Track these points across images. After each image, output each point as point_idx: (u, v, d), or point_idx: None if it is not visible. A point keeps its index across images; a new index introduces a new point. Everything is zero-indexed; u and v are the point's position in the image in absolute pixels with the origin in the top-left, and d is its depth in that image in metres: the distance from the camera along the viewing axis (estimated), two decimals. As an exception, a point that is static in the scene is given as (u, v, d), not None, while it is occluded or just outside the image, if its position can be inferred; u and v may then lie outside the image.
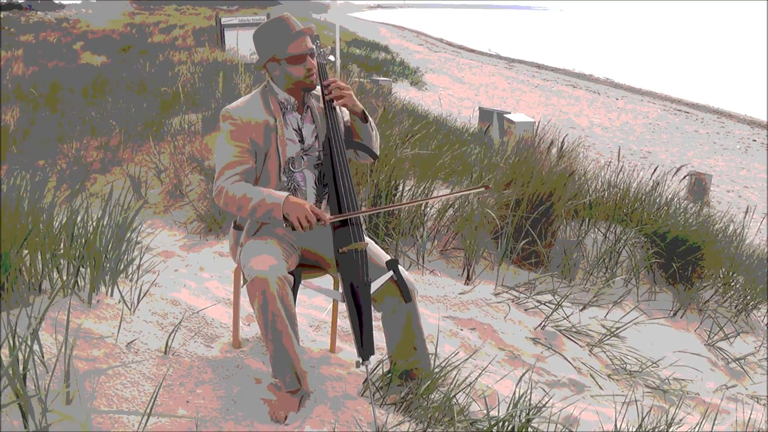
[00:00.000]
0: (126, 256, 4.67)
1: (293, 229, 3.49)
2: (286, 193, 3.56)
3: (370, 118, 3.99)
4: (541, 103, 33.04)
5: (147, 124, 10.63)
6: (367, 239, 3.83)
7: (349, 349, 4.40)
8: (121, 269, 4.55)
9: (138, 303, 4.29)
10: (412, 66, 40.51)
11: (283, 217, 3.53)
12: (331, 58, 4.03)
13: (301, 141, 3.87)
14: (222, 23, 26.01)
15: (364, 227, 3.85)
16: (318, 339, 4.54)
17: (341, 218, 3.65)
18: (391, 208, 3.72)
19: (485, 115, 19.67)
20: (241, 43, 24.23)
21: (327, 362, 4.16)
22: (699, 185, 16.63)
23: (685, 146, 25.36)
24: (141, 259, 4.89)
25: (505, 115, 18.38)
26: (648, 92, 41.41)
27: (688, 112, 34.49)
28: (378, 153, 4.07)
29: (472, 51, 64.17)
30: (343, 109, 4.04)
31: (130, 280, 4.67)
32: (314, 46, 3.88)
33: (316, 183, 3.90)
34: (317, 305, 5.16)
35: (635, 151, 23.17)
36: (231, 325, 4.38)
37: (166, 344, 3.89)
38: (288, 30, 3.77)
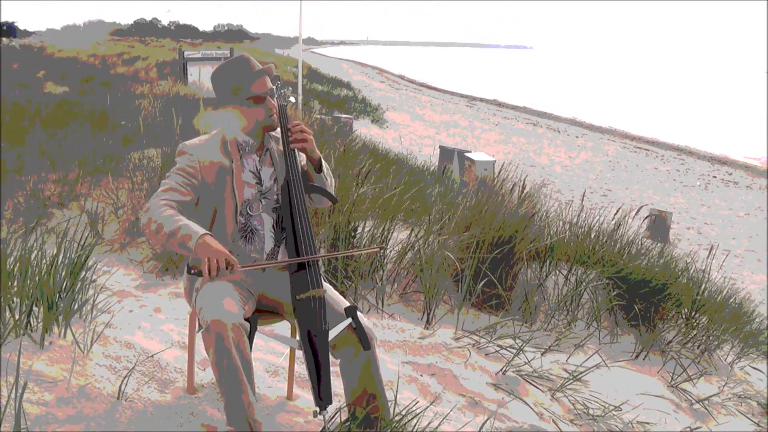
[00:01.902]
0: (80, 296, 4.57)
1: (198, 274, 3.35)
2: (205, 231, 3.42)
3: (325, 166, 3.93)
4: (501, 141, 33.33)
5: (105, 158, 10.49)
6: (325, 285, 3.76)
7: (306, 396, 4.31)
8: (75, 309, 4.45)
9: (91, 345, 4.19)
10: (374, 103, 40.71)
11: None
12: (292, 99, 3.97)
13: (259, 183, 3.81)
14: (185, 57, 26.02)
15: (322, 271, 3.78)
16: (275, 385, 4.44)
17: (253, 267, 3.57)
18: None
19: (446, 153, 19.78)
20: (204, 77, 24.23)
21: (284, 410, 4.08)
22: (660, 222, 16.81)
23: (645, 184, 25.64)
24: (95, 299, 4.78)
25: (465, 154, 18.51)
26: (609, 129, 41.94)
27: (648, 150, 34.92)
28: (335, 197, 4.02)
29: (433, 88, 64.70)
30: (301, 153, 3.97)
31: (84, 321, 4.57)
32: (274, 87, 3.84)
33: (273, 227, 3.83)
34: (274, 350, 5.07)
35: (595, 189, 23.38)
36: (186, 370, 4.29)
37: (119, 389, 3.80)
38: (248, 70, 3.72)
